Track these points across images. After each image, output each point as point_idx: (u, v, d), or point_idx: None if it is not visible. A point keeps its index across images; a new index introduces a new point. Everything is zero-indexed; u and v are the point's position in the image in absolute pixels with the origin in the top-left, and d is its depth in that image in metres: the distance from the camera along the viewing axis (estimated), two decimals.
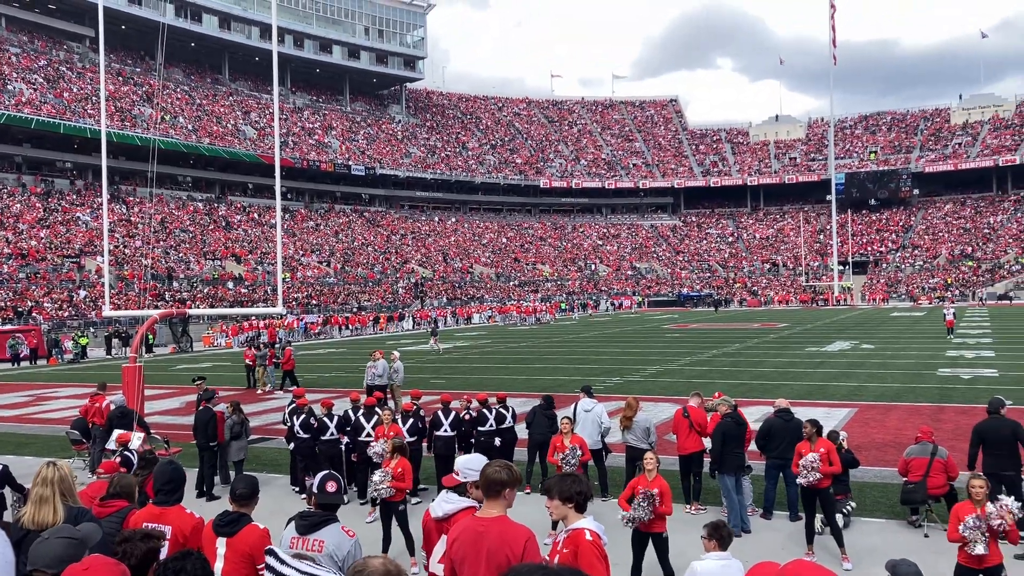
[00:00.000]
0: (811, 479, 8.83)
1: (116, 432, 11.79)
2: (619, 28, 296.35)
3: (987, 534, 6.50)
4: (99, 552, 3.56)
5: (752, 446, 10.78)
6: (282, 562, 2.08)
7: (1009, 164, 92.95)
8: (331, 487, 4.97)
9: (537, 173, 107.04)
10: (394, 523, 9.31)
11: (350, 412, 12.36)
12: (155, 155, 53.23)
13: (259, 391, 24.83)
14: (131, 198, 69.03)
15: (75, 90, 71.75)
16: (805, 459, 8.88)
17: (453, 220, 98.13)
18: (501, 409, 12.41)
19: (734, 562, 5.77)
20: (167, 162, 70.98)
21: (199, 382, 16.15)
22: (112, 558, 2.50)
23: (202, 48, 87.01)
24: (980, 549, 6.46)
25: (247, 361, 26.56)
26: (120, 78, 77.65)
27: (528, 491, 11.67)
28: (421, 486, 12.02)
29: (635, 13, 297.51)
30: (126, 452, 9.47)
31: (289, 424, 12.49)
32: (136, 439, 10.65)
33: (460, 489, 4.90)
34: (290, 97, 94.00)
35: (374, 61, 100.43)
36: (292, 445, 12.47)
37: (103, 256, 22.60)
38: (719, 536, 5.80)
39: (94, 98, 70.25)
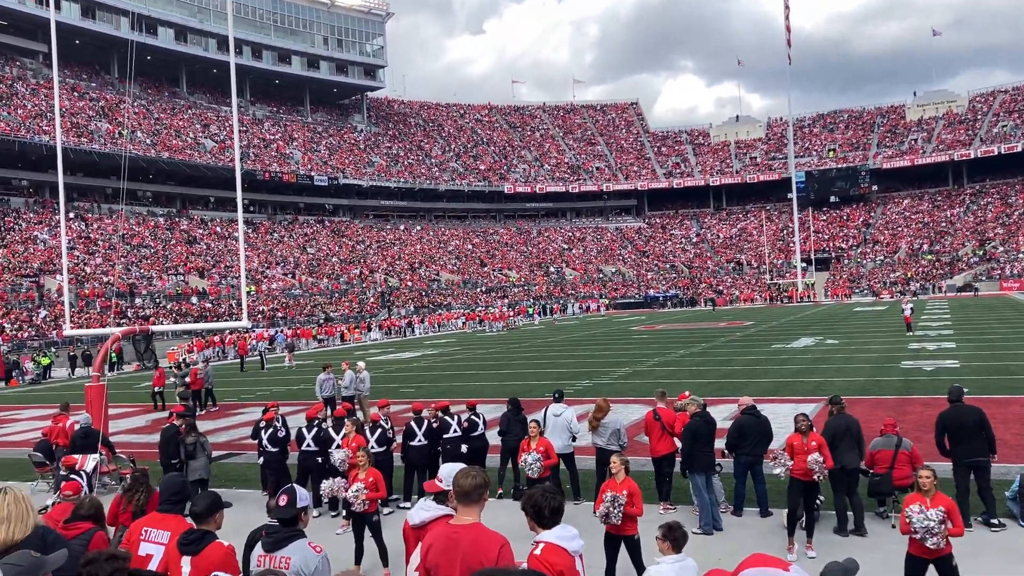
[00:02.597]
0: (783, 470, 8.99)
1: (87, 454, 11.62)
2: (579, 32, 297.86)
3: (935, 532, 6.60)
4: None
5: (720, 443, 10.84)
6: None
7: (963, 159, 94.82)
8: (282, 500, 4.85)
9: (501, 179, 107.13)
10: (367, 534, 9.27)
11: (303, 429, 12.29)
12: (126, 169, 52.50)
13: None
14: (90, 215, 68.00)
15: (29, 106, 70.53)
16: (813, 457, 8.98)
17: (418, 228, 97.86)
18: (473, 416, 12.37)
19: (688, 562, 5.79)
20: (126, 177, 69.95)
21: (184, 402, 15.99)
22: None
23: (158, 61, 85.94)
24: (929, 543, 6.61)
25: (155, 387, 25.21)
26: (75, 93, 76.50)
27: (500, 495, 11.67)
28: (393, 496, 11.95)
29: (595, 17, 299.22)
30: (73, 475, 9.33)
31: (258, 439, 12.39)
32: (91, 460, 10.45)
33: (441, 497, 4.90)
34: (250, 109, 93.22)
35: (334, 71, 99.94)
36: (262, 460, 12.36)
37: (63, 275, 22.21)
38: (672, 538, 5.79)
39: (49, 114, 69.14)
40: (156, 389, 24.93)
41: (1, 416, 25.81)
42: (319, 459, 11.87)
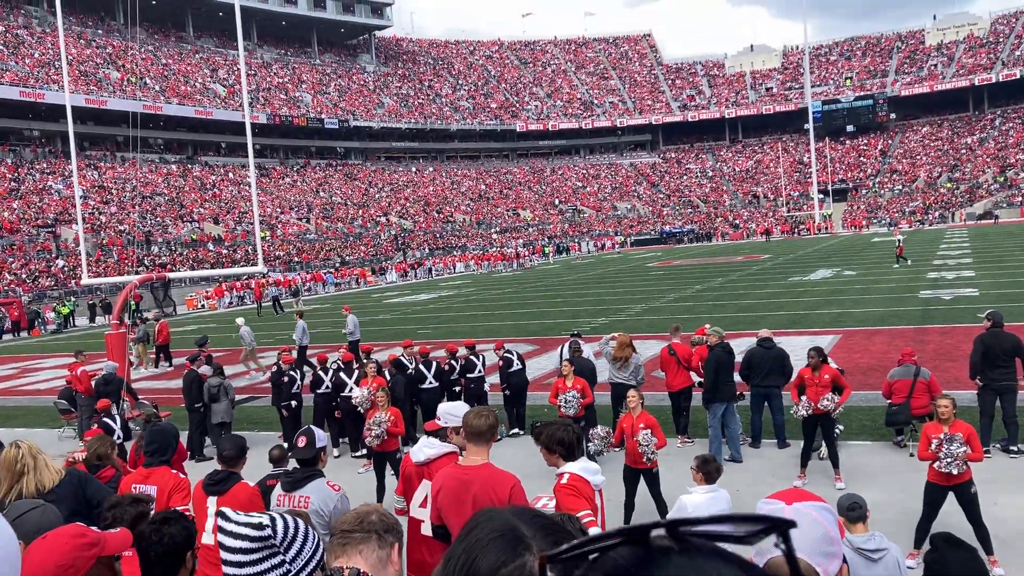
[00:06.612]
0: (804, 414, 8.94)
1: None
2: None
3: (956, 458, 6.60)
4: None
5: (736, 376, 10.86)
6: (227, 519, 2.06)
7: (985, 83, 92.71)
8: (301, 442, 4.94)
9: (513, 117, 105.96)
10: (388, 472, 9.41)
11: (319, 372, 12.41)
12: (146, 120, 52.27)
13: (141, 368, 22.76)
14: (102, 163, 67.96)
15: (36, 56, 70.04)
16: (824, 401, 8.91)
17: (431, 169, 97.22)
18: (507, 354, 12.45)
19: (721, 493, 5.87)
20: (137, 124, 69.65)
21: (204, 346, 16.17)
22: (79, 526, 2.48)
23: (164, 6, 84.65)
24: (954, 469, 6.61)
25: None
26: (82, 41, 75.81)
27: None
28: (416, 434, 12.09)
29: None
30: (105, 419, 9.48)
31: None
32: (113, 407, 10.65)
33: (441, 434, 4.93)
34: (257, 51, 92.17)
35: (341, 10, 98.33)
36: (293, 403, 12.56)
37: (78, 224, 22.32)
38: (705, 471, 5.90)
39: (56, 63, 68.65)
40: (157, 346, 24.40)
41: (26, 365, 26.21)
42: (334, 402, 12.07)
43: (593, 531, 3.94)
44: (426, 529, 4.52)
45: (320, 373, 12.28)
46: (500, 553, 0.97)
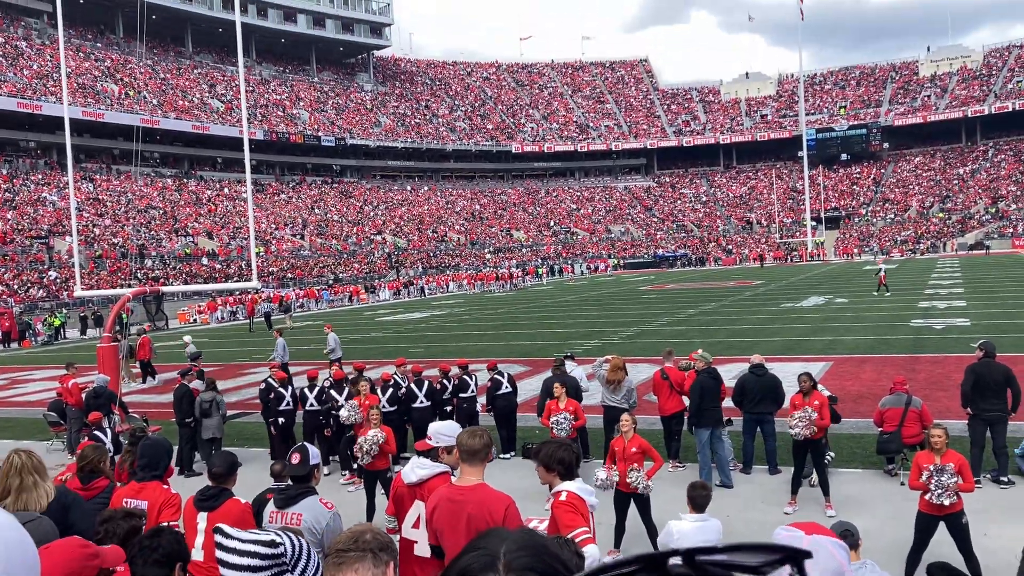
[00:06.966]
0: (805, 434, 8.90)
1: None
2: None
3: (947, 489, 6.62)
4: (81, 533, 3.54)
5: (727, 402, 10.88)
6: (227, 536, 2.08)
7: (977, 115, 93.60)
8: (295, 459, 4.92)
9: (509, 138, 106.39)
10: (378, 491, 9.38)
11: (306, 389, 12.37)
12: (139, 134, 52.41)
13: (128, 384, 22.10)
14: (98, 176, 67.95)
15: (35, 67, 70.16)
16: (799, 413, 8.91)
17: (426, 188, 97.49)
18: (496, 376, 12.43)
19: (711, 523, 5.85)
20: (135, 138, 69.78)
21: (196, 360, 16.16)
22: (81, 538, 2.50)
23: (164, 20, 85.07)
24: (945, 500, 6.63)
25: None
26: (80, 54, 75.99)
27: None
28: (404, 454, 12.04)
29: None
30: (96, 432, 9.46)
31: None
32: (104, 420, 10.62)
33: (432, 454, 4.92)
34: (256, 68, 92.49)
35: (340, 29, 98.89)
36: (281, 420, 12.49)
37: (72, 236, 22.28)
38: (690, 497, 5.89)
39: (55, 75, 68.80)
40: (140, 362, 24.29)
41: (15, 377, 26.07)
42: (322, 418, 12.02)
43: (590, 548, 3.98)
44: (419, 550, 4.51)
45: (306, 391, 12.25)
46: (472, 563, 1.09)
